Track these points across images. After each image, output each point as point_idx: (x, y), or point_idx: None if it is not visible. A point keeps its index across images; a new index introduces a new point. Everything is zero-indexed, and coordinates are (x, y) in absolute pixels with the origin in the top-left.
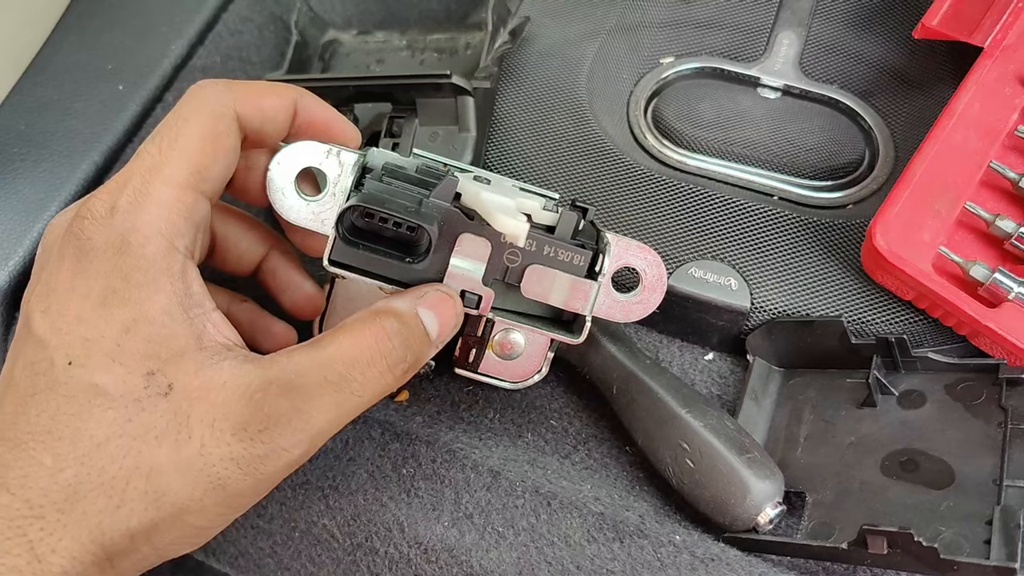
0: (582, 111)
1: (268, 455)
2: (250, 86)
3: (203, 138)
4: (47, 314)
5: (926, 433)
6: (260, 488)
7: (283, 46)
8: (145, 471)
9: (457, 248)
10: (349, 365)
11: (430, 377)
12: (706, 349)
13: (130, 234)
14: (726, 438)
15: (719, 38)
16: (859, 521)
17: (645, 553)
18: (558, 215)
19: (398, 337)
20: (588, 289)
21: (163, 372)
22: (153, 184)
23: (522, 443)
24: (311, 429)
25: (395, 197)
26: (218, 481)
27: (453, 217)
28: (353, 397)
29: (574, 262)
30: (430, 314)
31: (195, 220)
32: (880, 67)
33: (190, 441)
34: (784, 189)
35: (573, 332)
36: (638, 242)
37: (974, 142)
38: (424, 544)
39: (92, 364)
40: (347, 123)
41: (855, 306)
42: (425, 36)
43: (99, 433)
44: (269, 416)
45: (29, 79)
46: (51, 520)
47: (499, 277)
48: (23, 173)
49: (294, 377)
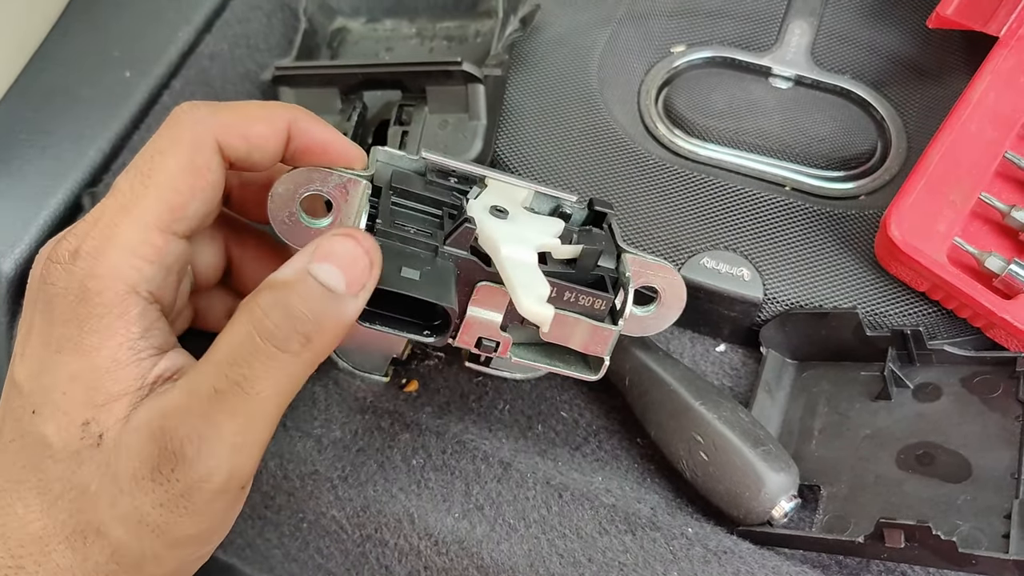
0: (593, 100)
1: (189, 490)
2: (237, 111)
3: (179, 174)
4: (23, 360)
5: (942, 426)
6: (206, 524)
7: (291, 33)
8: (95, 526)
9: (475, 298)
10: (233, 364)
11: (440, 367)
12: (717, 340)
13: (89, 280)
14: (740, 430)
15: (730, 27)
16: (875, 515)
17: (657, 546)
18: (579, 248)
19: (276, 310)
20: (609, 336)
21: (96, 420)
22: (120, 226)
23: (532, 435)
24: (221, 449)
25: (408, 246)
26: (158, 529)
27: (470, 266)
28: (251, 397)
29: (595, 306)
30: (325, 266)
31: (165, 263)
32: (893, 57)
33: (122, 495)
34: (796, 179)
35: (591, 368)
36: (658, 261)
37: (989, 132)
38: (434, 536)
39: (44, 414)
40: (347, 143)
41: (868, 297)
42: (434, 24)
43: (55, 487)
44: (174, 452)
45: (35, 66)
46: (31, 572)
47: (518, 321)
48: (30, 160)
49: (187, 399)
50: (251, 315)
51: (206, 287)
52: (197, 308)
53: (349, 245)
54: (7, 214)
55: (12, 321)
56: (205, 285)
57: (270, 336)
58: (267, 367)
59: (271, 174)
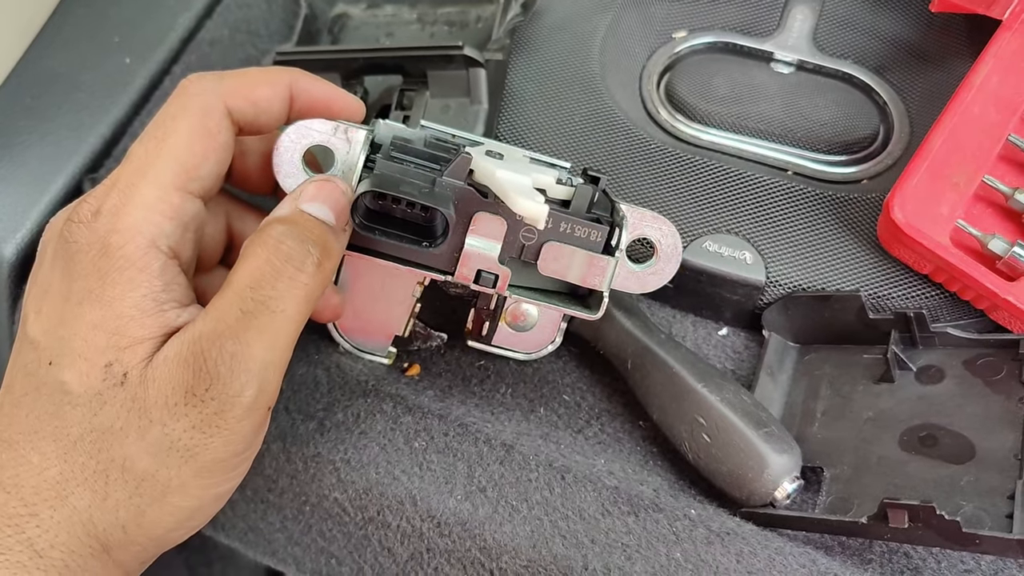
0: (594, 84)
1: (223, 408)
2: (241, 77)
3: (192, 136)
4: (39, 316)
5: (945, 408)
6: (234, 445)
7: (292, 19)
8: (120, 462)
9: (472, 227)
10: (256, 287)
11: (441, 351)
12: (720, 324)
13: (111, 236)
14: (743, 412)
15: (732, 12)
16: (878, 496)
17: (660, 527)
18: (573, 189)
19: (290, 237)
20: (606, 265)
21: (119, 361)
22: (138, 186)
23: (535, 417)
24: (252, 365)
25: (408, 176)
26: (188, 453)
27: (467, 196)
28: (277, 314)
29: (591, 238)
30: (314, 204)
31: (182, 220)
32: (895, 41)
33: (152, 425)
34: (798, 164)
35: (591, 307)
36: (653, 212)
37: (992, 115)
38: (437, 518)
39: (63, 363)
40: (348, 96)
41: (870, 280)
42: (435, 9)
43: (73, 431)
44: (208, 371)
45: (35, 52)
46: (45, 517)
47: (515, 255)
48: (30, 146)
49: (215, 324)
50: (265, 244)
51: (209, 266)
52: (199, 288)
53: (329, 187)
54: (8, 200)
55: (14, 305)
56: (208, 263)
57: (288, 259)
58: (289, 286)
59: (269, 142)
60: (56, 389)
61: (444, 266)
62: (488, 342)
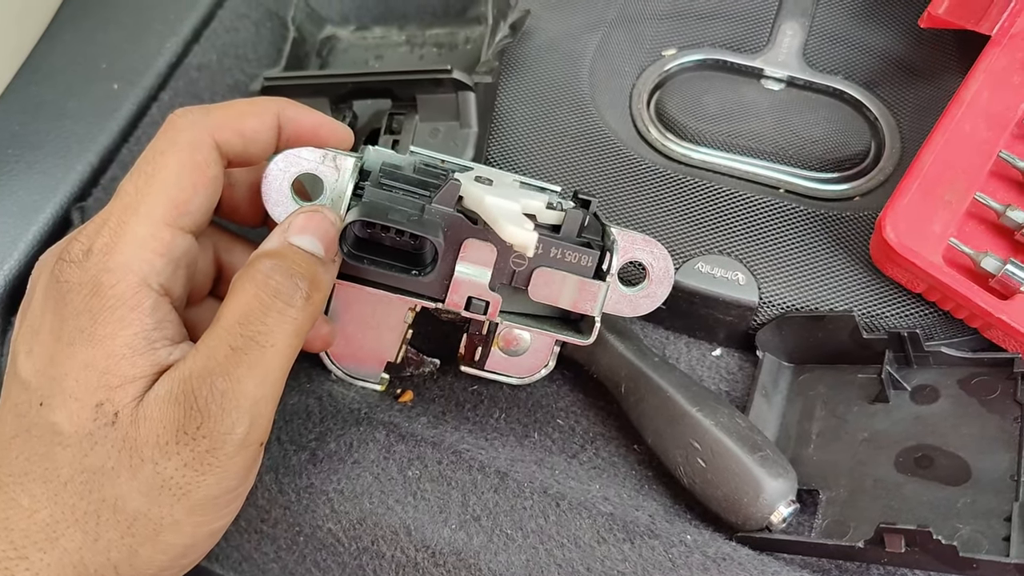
0: (584, 105)
1: (214, 445)
2: (228, 109)
3: (181, 172)
4: (30, 356)
5: (940, 429)
6: (225, 484)
7: (280, 43)
8: (111, 502)
9: (462, 254)
10: (245, 323)
11: (434, 376)
12: (713, 345)
13: (102, 275)
14: (738, 436)
15: (721, 29)
16: (874, 519)
17: (656, 553)
18: (563, 214)
19: (278, 272)
20: (597, 290)
21: (110, 401)
22: (129, 223)
23: (529, 443)
24: (243, 401)
25: (396, 204)
26: (180, 491)
27: (457, 222)
28: (267, 350)
29: (582, 263)
30: (303, 237)
31: (173, 256)
32: (885, 57)
33: (143, 464)
34: (790, 182)
35: (583, 333)
36: (643, 235)
37: (983, 132)
38: (431, 548)
39: (54, 403)
40: (336, 124)
41: (863, 300)
42: (424, 31)
43: (63, 472)
44: (199, 409)
45: (23, 79)
46: (35, 560)
47: (506, 281)
48: (18, 175)
49: (206, 362)
50: (254, 279)
51: (198, 298)
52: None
53: (317, 218)
54: None
55: (3, 336)
56: (197, 295)
57: (277, 293)
58: (278, 321)
59: (258, 173)
60: (47, 430)
61: (435, 293)
62: (481, 367)
